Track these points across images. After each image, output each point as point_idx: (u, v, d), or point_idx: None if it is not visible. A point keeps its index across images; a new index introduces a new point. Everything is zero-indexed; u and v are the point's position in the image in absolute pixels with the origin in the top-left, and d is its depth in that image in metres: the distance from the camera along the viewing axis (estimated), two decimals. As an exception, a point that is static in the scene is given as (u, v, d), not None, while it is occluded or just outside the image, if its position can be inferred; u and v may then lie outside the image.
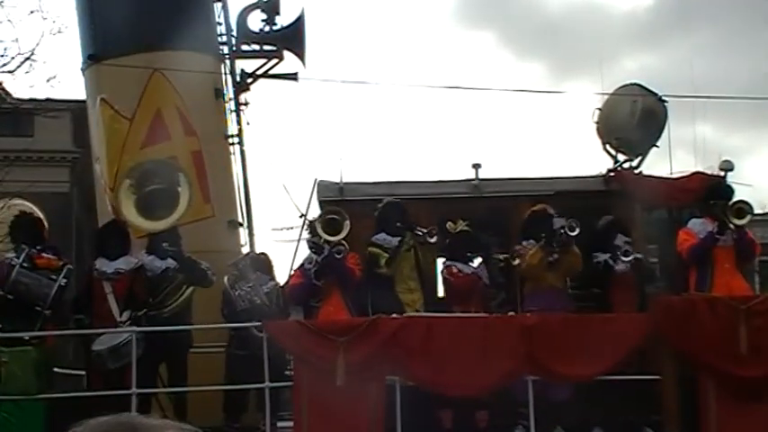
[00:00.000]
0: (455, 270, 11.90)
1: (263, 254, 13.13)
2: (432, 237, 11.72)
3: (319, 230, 11.67)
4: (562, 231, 11.37)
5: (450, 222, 12.08)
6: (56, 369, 12.16)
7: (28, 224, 11.96)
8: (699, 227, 11.78)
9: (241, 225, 16.41)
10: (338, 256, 11.50)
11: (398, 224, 11.94)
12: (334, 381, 10.25)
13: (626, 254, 11.61)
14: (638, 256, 11.78)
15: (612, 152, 13.67)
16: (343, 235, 11.58)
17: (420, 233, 11.79)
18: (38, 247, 11.59)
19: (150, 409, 11.25)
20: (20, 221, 12.03)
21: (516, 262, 11.95)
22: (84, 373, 12.49)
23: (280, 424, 11.34)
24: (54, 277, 11.29)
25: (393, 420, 10.37)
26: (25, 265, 11.24)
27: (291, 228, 14.90)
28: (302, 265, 11.93)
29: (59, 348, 13.56)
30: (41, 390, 10.77)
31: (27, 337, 11.01)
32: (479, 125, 58.06)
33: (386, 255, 11.79)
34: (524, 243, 11.79)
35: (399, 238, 11.85)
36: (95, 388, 11.09)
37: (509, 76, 70.56)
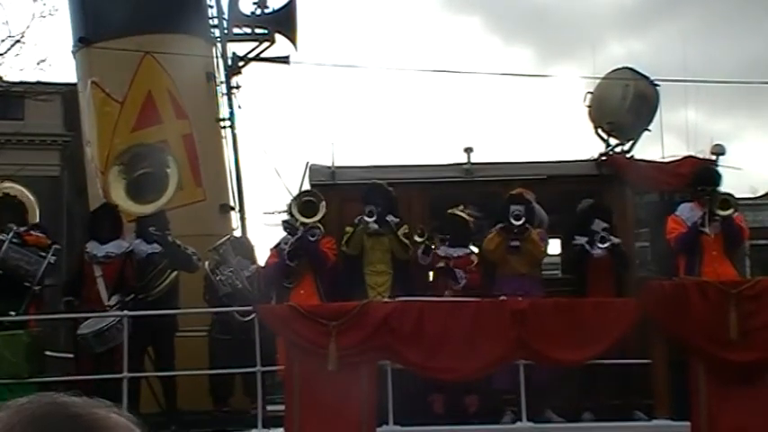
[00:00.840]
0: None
1: (243, 238, 13.13)
2: (370, 216, 11.60)
3: (295, 212, 11.68)
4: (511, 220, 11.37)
5: (454, 208, 12.02)
6: (47, 353, 12.15)
7: (10, 207, 11.89)
8: (688, 213, 11.75)
9: (233, 209, 16.41)
10: (312, 239, 11.52)
11: (381, 205, 11.80)
12: (327, 365, 10.26)
13: (602, 240, 11.58)
14: (616, 241, 11.74)
15: (604, 136, 13.67)
16: (318, 218, 11.59)
17: (363, 217, 11.69)
18: (24, 227, 11.58)
19: (140, 393, 11.26)
20: (2, 204, 11.98)
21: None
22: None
23: (269, 407, 11.36)
24: (43, 255, 11.26)
25: (384, 404, 10.40)
26: (15, 241, 11.20)
27: (283, 212, 14.89)
28: (278, 244, 11.93)
29: (50, 332, 13.55)
30: (32, 374, 10.77)
31: (12, 315, 10.99)
32: (471, 110, 58.07)
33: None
34: (498, 226, 11.77)
35: (359, 218, 11.79)
36: (84, 371, 11.09)
37: (497, 61, 70.51)
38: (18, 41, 18.22)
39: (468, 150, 13.04)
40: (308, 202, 11.72)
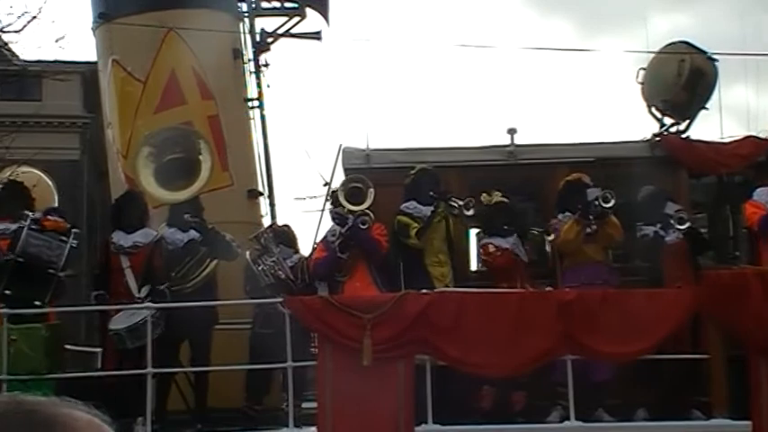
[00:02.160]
0: (492, 249, 11.85)
1: (286, 226, 13.11)
2: (468, 209, 11.64)
3: (342, 200, 11.68)
4: (596, 203, 11.33)
5: (484, 194, 12.03)
6: (67, 347, 12.23)
7: (16, 194, 11.90)
8: (766, 197, 11.62)
9: (261, 194, 16.43)
10: (363, 227, 11.49)
11: (431, 193, 11.87)
12: (361, 360, 10.28)
13: (680, 221, 11.53)
14: (691, 224, 11.71)
15: (658, 115, 13.55)
16: (367, 204, 11.58)
17: (455, 205, 11.70)
18: (39, 213, 11.62)
19: (169, 390, 11.32)
20: (8, 191, 12.04)
21: (551, 237, 11.90)
22: (97, 350, 12.58)
23: (305, 405, 11.39)
24: (64, 239, 11.28)
25: (424, 401, 10.41)
26: (33, 227, 11.23)
27: (315, 197, 14.92)
28: (325, 237, 11.92)
29: (70, 325, 13.65)
30: (51, 369, 10.80)
31: (38, 304, 11.03)
32: (514, 89, 57.83)
33: (416, 225, 11.76)
34: (560, 216, 11.76)
35: (432, 208, 11.79)
36: (111, 367, 11.14)
37: (534, 35, 69.95)
38: (35, 17, 18.27)
39: (512, 132, 12.98)
40: (356, 189, 11.73)
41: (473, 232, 12.82)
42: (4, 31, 15.25)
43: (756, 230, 11.57)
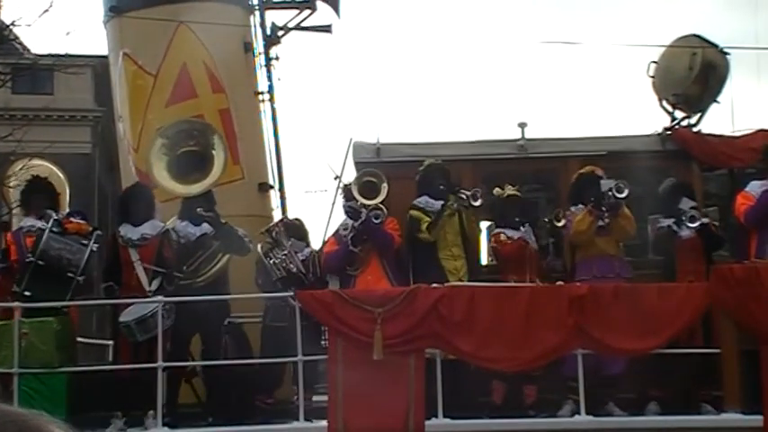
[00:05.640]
0: (502, 237, 11.81)
1: (297, 219, 13.08)
2: (476, 200, 11.59)
3: (355, 194, 11.65)
4: (610, 194, 11.26)
5: (497, 188, 11.99)
6: (79, 339, 12.21)
7: (41, 189, 11.87)
8: (758, 189, 11.57)
9: (272, 188, 16.41)
10: (376, 221, 11.47)
11: (441, 187, 11.82)
12: (372, 354, 10.24)
13: (692, 219, 11.49)
14: (705, 221, 11.63)
15: (670, 109, 13.50)
16: (380, 198, 11.57)
17: (464, 196, 11.65)
18: (63, 213, 11.58)
19: (180, 384, 11.29)
20: (33, 186, 11.99)
21: (561, 223, 11.86)
22: (109, 343, 12.55)
23: (315, 398, 11.36)
24: (85, 242, 11.25)
25: (435, 395, 10.36)
26: (55, 230, 11.19)
27: (326, 190, 14.87)
28: (337, 231, 11.91)
29: (83, 318, 13.61)
30: (63, 362, 10.79)
31: (58, 306, 10.98)
32: (523, 81, 57.68)
33: (428, 219, 11.72)
34: (573, 209, 11.71)
35: (442, 202, 11.75)
36: (124, 360, 11.11)
37: (543, 26, 69.53)
38: (46, 11, 18.25)
39: (523, 125, 12.95)
40: (370, 183, 11.70)
41: (485, 225, 12.74)
42: (16, 25, 15.19)
43: (743, 221, 11.50)
